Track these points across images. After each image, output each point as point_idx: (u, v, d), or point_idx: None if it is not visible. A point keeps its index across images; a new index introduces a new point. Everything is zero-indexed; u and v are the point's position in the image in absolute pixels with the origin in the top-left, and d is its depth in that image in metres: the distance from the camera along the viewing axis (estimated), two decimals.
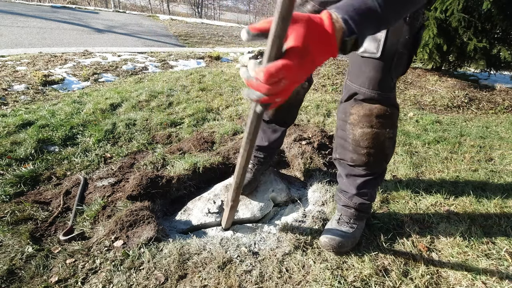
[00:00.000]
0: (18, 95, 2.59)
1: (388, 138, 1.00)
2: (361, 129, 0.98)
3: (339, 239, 1.07)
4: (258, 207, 1.36)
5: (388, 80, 0.94)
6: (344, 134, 1.04)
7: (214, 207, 1.34)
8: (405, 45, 0.90)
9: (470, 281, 1.01)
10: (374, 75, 0.93)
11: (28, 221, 1.24)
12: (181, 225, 1.30)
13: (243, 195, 1.39)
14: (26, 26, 5.64)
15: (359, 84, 0.96)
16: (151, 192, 1.38)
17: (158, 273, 1.00)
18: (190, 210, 1.36)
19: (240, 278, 0.99)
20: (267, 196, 1.42)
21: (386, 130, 0.98)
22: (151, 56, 4.74)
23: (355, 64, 0.98)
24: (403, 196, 1.48)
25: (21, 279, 0.98)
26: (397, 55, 0.90)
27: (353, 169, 1.08)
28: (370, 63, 0.92)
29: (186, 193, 1.51)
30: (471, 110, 3.63)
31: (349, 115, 1.00)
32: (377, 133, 0.97)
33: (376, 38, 0.89)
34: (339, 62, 5.01)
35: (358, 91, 0.97)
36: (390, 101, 0.97)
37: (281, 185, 1.49)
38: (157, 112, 2.44)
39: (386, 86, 0.95)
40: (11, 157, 1.63)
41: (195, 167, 1.59)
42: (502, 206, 1.42)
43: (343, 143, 1.06)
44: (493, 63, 4.66)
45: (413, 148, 2.09)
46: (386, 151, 1.03)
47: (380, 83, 0.93)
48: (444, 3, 3.92)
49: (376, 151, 1.00)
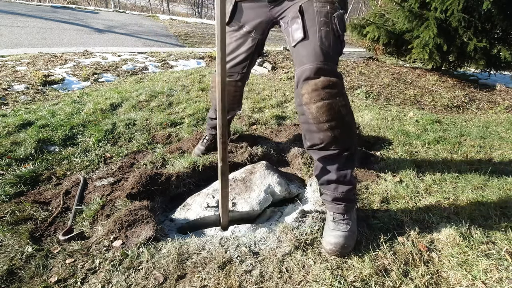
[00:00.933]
0: (18, 95, 2.59)
1: (341, 106, 1.06)
2: (315, 104, 1.05)
3: (342, 242, 1.09)
4: (257, 200, 1.37)
5: (322, 54, 1.06)
6: (305, 118, 1.10)
7: (213, 201, 1.34)
8: (326, 23, 1.08)
9: (470, 281, 1.01)
10: (308, 53, 1.07)
11: (28, 221, 1.24)
12: (180, 220, 1.31)
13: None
14: (26, 26, 5.65)
15: (301, 66, 1.08)
16: (150, 190, 1.38)
17: (157, 273, 0.99)
18: (189, 205, 1.37)
19: (240, 278, 0.99)
20: (265, 190, 1.42)
21: (337, 99, 1.05)
22: (151, 56, 4.74)
23: (295, 55, 1.12)
24: (403, 196, 1.48)
25: (20, 279, 0.98)
26: (319, 33, 1.07)
27: (326, 152, 1.12)
28: (302, 47, 1.08)
29: (185, 190, 1.52)
30: (471, 110, 3.63)
31: (302, 97, 1.08)
32: (330, 103, 1.04)
33: (298, 26, 1.09)
34: (339, 62, 5.02)
35: (302, 73, 1.08)
36: (331, 72, 1.07)
37: (279, 180, 1.50)
38: (157, 112, 2.44)
39: (322, 59, 1.06)
40: (11, 157, 1.62)
41: (195, 165, 1.60)
42: (502, 206, 1.42)
43: (307, 127, 1.11)
44: (493, 63, 4.66)
45: (413, 148, 2.09)
46: (346, 119, 1.08)
47: (316, 58, 1.05)
48: (444, 3, 3.92)
49: (338, 122, 1.06)
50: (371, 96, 3.65)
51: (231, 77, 1.47)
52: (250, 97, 2.97)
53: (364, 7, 22.59)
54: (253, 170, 1.53)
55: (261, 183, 1.45)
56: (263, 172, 1.50)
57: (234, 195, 1.39)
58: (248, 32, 1.35)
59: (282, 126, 2.35)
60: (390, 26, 4.84)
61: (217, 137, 1.08)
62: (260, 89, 3.32)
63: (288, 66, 4.59)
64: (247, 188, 1.42)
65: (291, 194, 1.51)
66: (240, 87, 1.53)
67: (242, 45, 1.39)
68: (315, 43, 1.06)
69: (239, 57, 1.41)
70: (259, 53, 1.46)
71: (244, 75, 1.48)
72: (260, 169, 1.52)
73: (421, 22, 4.18)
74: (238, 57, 1.41)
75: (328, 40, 1.07)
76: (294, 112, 2.68)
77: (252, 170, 1.53)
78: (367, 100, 3.54)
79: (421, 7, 4.34)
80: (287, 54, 5.13)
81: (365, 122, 2.56)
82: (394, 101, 3.61)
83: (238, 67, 1.44)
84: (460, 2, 3.78)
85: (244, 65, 1.44)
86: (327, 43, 1.07)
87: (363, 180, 1.63)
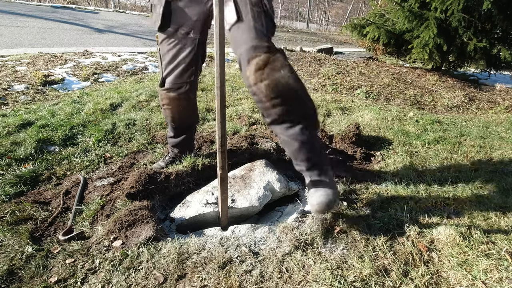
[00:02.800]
0: (18, 95, 2.59)
1: (288, 77, 1.07)
2: (262, 83, 1.06)
3: (325, 200, 1.12)
4: (256, 197, 1.37)
5: (258, 33, 1.08)
6: (258, 97, 1.10)
7: (212, 198, 1.35)
8: (257, 4, 1.09)
9: (470, 281, 1.01)
10: (244, 34, 1.08)
11: (28, 221, 1.24)
12: (180, 217, 1.31)
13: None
14: (26, 26, 5.64)
15: (239, 48, 1.09)
16: (149, 188, 1.39)
17: (157, 273, 0.99)
18: (189, 202, 1.38)
19: (241, 278, 0.99)
20: (265, 186, 1.43)
21: (282, 72, 1.06)
22: (151, 56, 4.74)
23: (232, 40, 1.13)
24: (403, 196, 1.48)
25: (21, 279, 0.98)
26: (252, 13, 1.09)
27: (286, 124, 1.14)
28: (237, 29, 1.09)
29: (185, 189, 1.52)
30: (471, 110, 3.63)
31: (248, 79, 1.08)
32: (276, 78, 1.05)
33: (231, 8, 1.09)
34: (339, 62, 5.02)
35: (241, 54, 1.09)
36: (269, 48, 1.07)
37: (279, 176, 1.50)
38: (157, 112, 2.44)
39: (259, 38, 1.07)
40: (11, 157, 1.62)
41: (194, 164, 1.61)
42: (502, 206, 1.42)
43: (262, 105, 1.12)
44: (493, 63, 4.66)
45: (413, 148, 2.09)
46: (296, 88, 1.09)
47: (252, 37, 1.06)
48: (444, 3, 3.92)
49: (289, 94, 1.08)
50: (371, 96, 3.65)
51: (179, 90, 1.38)
52: (250, 97, 2.97)
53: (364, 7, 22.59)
54: (252, 168, 1.54)
55: (260, 180, 1.45)
56: (262, 170, 1.51)
57: (234, 192, 1.39)
58: (186, 33, 1.28)
59: None
60: (390, 26, 4.84)
61: (217, 147, 1.09)
62: None
63: None
64: (246, 185, 1.43)
65: (291, 191, 1.51)
66: (193, 99, 1.47)
67: (182, 50, 1.31)
68: (249, 24, 1.07)
69: (182, 64, 1.33)
70: (202, 57, 1.39)
71: (193, 85, 1.41)
72: (259, 167, 1.53)
73: (421, 22, 4.18)
74: (181, 64, 1.33)
75: (260, 20, 1.09)
76: None
77: (251, 168, 1.54)
78: (367, 100, 3.54)
79: (421, 7, 4.34)
80: (287, 54, 5.12)
81: (365, 122, 2.56)
82: (394, 101, 3.61)
83: (185, 76, 1.36)
84: (460, 2, 3.78)
85: (191, 72, 1.36)
86: (260, 22, 1.09)
87: (363, 180, 1.63)
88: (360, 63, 5.15)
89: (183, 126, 1.58)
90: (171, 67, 1.34)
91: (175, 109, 1.47)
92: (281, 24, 14.23)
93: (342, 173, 1.65)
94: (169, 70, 1.36)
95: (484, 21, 4.24)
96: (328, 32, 17.42)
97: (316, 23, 20.05)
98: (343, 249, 1.13)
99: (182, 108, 1.47)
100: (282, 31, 13.24)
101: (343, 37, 13.51)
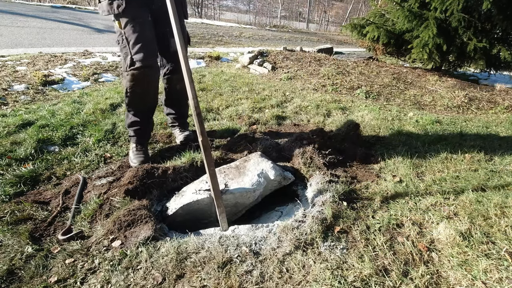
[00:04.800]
0: (18, 95, 2.59)
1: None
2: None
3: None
4: (250, 183, 1.40)
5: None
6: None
7: (206, 186, 1.37)
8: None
9: (470, 281, 1.01)
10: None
11: (28, 221, 1.24)
12: (175, 205, 1.34)
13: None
14: (26, 26, 5.64)
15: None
16: (147, 183, 1.40)
17: (156, 273, 0.99)
18: (184, 192, 1.40)
19: (241, 278, 0.99)
20: (259, 174, 1.45)
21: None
22: None
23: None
24: (403, 196, 1.48)
25: (20, 279, 0.98)
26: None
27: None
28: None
29: (182, 183, 1.53)
30: (471, 110, 3.63)
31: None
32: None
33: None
34: (339, 62, 5.02)
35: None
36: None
37: (273, 165, 1.52)
38: (157, 112, 2.43)
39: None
40: (11, 157, 1.62)
41: (193, 161, 1.62)
42: (502, 206, 1.42)
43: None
44: (493, 63, 4.67)
45: (413, 148, 2.09)
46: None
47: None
48: (444, 3, 3.92)
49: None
50: (371, 96, 3.65)
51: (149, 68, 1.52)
52: (250, 97, 2.97)
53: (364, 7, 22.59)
54: (247, 159, 1.56)
55: (255, 168, 1.47)
56: (256, 160, 1.52)
57: (228, 179, 1.41)
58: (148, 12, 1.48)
59: (282, 126, 2.35)
60: (390, 26, 4.85)
61: (192, 110, 1.14)
62: (260, 89, 3.32)
63: (288, 66, 4.59)
64: (241, 173, 1.44)
65: (287, 179, 1.52)
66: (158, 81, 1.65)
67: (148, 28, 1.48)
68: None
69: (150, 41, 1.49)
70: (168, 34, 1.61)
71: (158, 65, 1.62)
72: (254, 157, 1.55)
73: (420, 22, 4.19)
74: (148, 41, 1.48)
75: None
76: (294, 112, 2.68)
77: (246, 159, 1.56)
78: (367, 100, 3.54)
79: (421, 7, 4.34)
80: (287, 54, 5.12)
81: (365, 122, 2.55)
82: (394, 101, 3.61)
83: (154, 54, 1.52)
84: (460, 2, 3.78)
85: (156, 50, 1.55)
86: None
87: (363, 180, 1.63)
88: (360, 63, 5.15)
89: (151, 107, 1.73)
90: (139, 46, 1.44)
91: (145, 88, 1.57)
92: (281, 24, 14.21)
93: (342, 173, 1.65)
94: (137, 49, 1.45)
95: (484, 21, 4.24)
96: (328, 32, 17.42)
97: (316, 23, 20.04)
98: (343, 249, 1.13)
99: (153, 87, 1.58)
100: (282, 31, 13.23)
101: (343, 37, 13.50)
